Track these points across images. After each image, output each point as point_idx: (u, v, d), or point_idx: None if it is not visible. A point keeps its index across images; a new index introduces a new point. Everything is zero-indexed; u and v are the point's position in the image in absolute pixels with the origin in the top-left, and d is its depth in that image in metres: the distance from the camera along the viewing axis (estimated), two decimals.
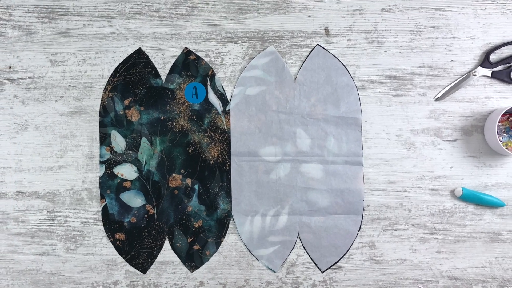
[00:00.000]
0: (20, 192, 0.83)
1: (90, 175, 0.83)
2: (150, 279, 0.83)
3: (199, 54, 0.84)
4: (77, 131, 0.84)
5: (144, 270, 0.83)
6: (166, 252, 0.83)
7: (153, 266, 0.83)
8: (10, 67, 0.84)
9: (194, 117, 0.84)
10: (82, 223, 0.83)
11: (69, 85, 0.84)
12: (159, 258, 0.83)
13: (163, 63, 0.84)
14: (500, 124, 0.84)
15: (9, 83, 0.84)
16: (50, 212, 0.83)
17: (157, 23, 0.84)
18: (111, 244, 0.83)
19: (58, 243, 0.83)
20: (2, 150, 0.83)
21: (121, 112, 0.84)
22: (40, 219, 0.83)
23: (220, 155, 0.84)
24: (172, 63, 0.84)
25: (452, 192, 0.84)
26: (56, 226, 0.83)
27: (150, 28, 0.85)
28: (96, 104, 0.84)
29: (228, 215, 0.84)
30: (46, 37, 0.84)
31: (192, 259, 0.83)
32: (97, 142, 0.84)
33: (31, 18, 0.84)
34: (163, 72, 0.84)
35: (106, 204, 0.83)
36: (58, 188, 0.83)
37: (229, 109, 0.84)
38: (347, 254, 0.84)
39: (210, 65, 0.84)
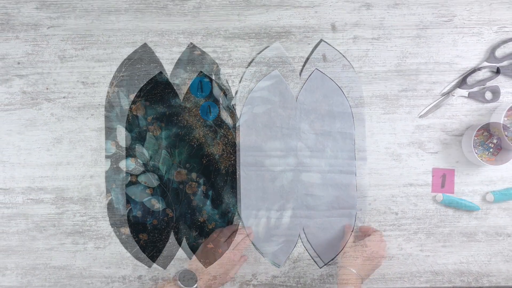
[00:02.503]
0: (56, 197, 0.89)
1: (118, 183, 0.89)
2: (170, 274, 0.88)
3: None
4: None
5: (164, 265, 0.89)
6: (184, 250, 0.89)
7: (172, 262, 0.88)
8: (47, 88, 0.89)
9: (208, 132, 0.91)
10: (110, 225, 0.89)
11: (99, 104, 0.90)
12: (178, 255, 0.89)
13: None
14: (475, 138, 0.88)
15: (47, 102, 0.89)
16: (82, 215, 0.89)
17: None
18: (135, 243, 0.89)
19: (89, 242, 0.89)
20: (40, 161, 0.89)
21: (144, 128, 0.90)
22: (73, 222, 0.89)
23: (230, 165, 0.90)
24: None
25: (434, 198, 0.89)
26: (88, 228, 0.89)
27: (170, 55, 0.90)
28: (123, 121, 0.90)
29: (237, 218, 0.90)
30: (79, 62, 0.90)
31: (207, 256, 0.87)
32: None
33: (65, 46, 0.90)
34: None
35: (131, 208, 0.89)
36: (89, 195, 0.89)
37: (239, 125, 0.90)
38: (342, 251, 0.87)
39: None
